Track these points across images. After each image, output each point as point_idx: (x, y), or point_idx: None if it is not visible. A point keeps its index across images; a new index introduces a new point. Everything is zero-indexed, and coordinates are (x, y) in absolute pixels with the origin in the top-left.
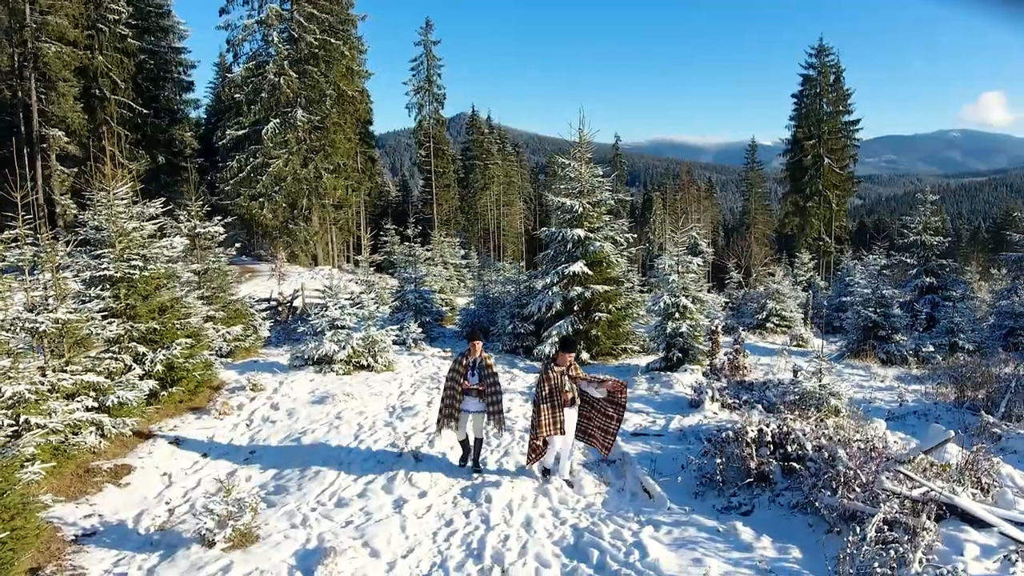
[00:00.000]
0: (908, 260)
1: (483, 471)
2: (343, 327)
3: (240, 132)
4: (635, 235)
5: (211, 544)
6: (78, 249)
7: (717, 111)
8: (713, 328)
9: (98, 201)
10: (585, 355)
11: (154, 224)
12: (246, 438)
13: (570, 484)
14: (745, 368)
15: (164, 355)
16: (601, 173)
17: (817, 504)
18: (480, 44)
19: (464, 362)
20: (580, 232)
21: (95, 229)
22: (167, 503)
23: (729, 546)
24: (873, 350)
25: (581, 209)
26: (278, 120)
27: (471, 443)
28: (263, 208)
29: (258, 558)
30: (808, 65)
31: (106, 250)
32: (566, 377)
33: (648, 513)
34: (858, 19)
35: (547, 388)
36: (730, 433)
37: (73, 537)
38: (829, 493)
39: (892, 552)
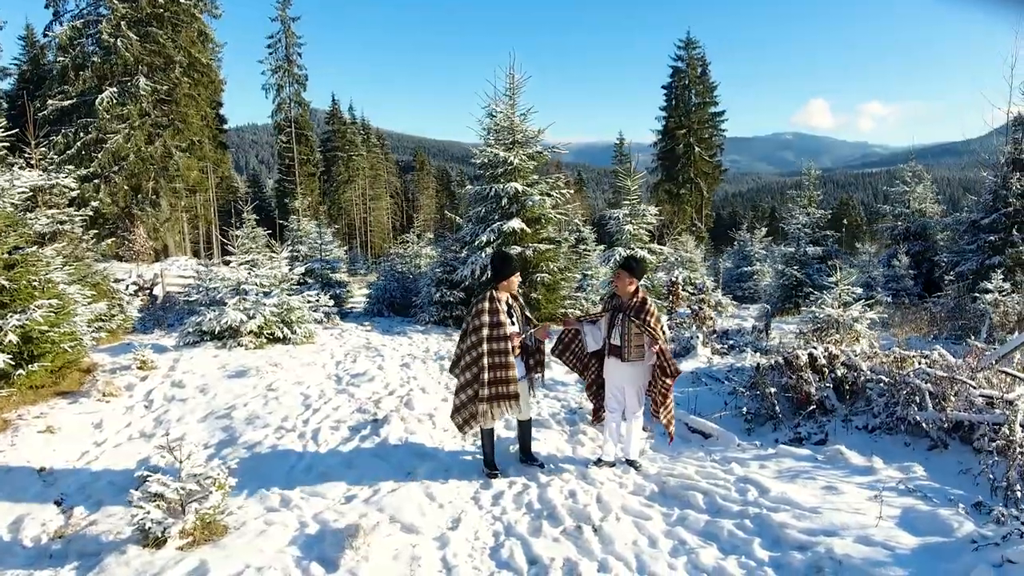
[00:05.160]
0: (800, 232)
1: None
2: (251, 292)
3: (66, 103)
4: (571, 191)
5: (160, 542)
6: None
7: (574, 113)
8: (673, 280)
9: None
10: None
11: None
12: (150, 420)
13: (635, 466)
14: (711, 319)
15: (18, 321)
16: (535, 125)
17: (919, 419)
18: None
19: (502, 307)
20: (517, 186)
21: None
22: (57, 503)
23: (847, 471)
24: (797, 308)
25: (517, 161)
26: (115, 89)
27: (516, 427)
28: (99, 191)
29: (243, 552)
30: (677, 57)
31: None
32: (628, 319)
33: (719, 451)
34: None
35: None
36: (780, 360)
37: None
38: (916, 409)
39: None
